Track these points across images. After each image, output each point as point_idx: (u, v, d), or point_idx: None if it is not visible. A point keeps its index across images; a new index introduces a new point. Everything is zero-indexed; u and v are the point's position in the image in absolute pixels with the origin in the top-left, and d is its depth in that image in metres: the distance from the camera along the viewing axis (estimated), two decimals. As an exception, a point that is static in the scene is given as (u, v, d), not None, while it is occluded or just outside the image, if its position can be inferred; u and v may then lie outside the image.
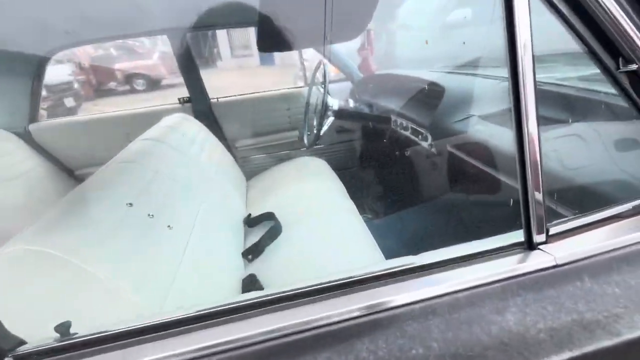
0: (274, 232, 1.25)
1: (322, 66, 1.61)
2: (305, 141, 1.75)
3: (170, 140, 1.34)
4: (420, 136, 1.36)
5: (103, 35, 1.68)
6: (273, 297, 0.44)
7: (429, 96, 1.25)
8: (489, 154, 0.93)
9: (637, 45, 0.36)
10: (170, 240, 0.84)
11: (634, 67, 0.37)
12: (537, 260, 0.39)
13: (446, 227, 1.07)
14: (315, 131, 1.66)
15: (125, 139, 1.29)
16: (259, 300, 0.45)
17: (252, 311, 0.43)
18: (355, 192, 1.72)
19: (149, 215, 0.83)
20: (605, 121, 0.60)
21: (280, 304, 0.43)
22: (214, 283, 0.93)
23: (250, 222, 1.41)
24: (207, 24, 1.64)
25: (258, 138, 2.06)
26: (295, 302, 0.41)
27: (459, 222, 1.01)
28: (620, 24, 0.35)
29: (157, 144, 1.27)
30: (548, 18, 0.41)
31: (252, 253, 1.18)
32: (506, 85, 1.23)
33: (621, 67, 0.38)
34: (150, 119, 1.52)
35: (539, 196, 0.39)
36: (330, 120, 1.66)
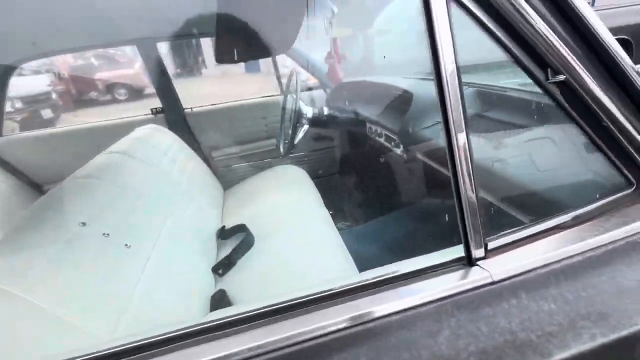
0: (245, 244, 1.22)
1: (295, 75, 1.61)
2: (281, 150, 1.74)
3: (138, 153, 1.30)
4: (392, 143, 1.36)
5: (70, 46, 1.64)
6: (217, 323, 0.42)
7: (398, 103, 1.25)
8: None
9: (563, 57, 0.36)
10: (127, 259, 0.81)
11: (561, 77, 0.37)
12: (474, 277, 0.38)
13: (414, 235, 1.07)
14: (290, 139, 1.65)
15: (97, 151, 1.25)
16: (203, 327, 0.42)
17: (201, 337, 0.41)
18: (332, 200, 1.71)
19: (104, 234, 0.79)
20: (554, 125, 0.60)
21: (222, 331, 0.40)
22: (178, 302, 0.90)
23: (224, 234, 1.37)
24: (176, 34, 1.62)
25: (235, 147, 2.04)
26: (236, 328, 0.39)
27: (426, 231, 1.01)
28: (545, 36, 0.35)
29: (123, 157, 1.23)
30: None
31: (222, 267, 1.15)
32: (472, 91, 1.22)
33: (550, 78, 0.38)
34: (124, 130, 1.49)
35: (475, 210, 0.38)
36: (304, 128, 1.65)
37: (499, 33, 0.35)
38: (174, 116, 1.89)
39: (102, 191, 0.95)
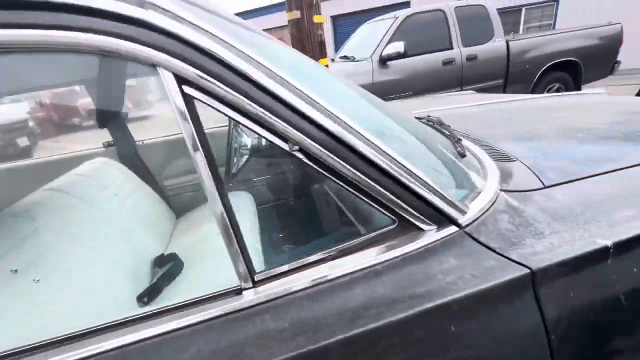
0: (172, 272, 1.31)
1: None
2: (222, 178, 1.85)
3: (73, 188, 1.40)
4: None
5: (22, 87, 1.77)
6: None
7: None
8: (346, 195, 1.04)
9: (289, 133, 0.48)
10: (34, 294, 0.89)
11: (297, 147, 0.49)
12: (235, 303, 0.48)
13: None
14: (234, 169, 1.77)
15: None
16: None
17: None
18: (273, 224, 1.81)
19: (11, 270, 0.88)
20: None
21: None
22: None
23: (161, 262, 1.46)
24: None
25: (187, 176, 2.15)
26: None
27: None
28: (272, 118, 0.47)
29: (57, 194, 1.33)
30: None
31: (147, 295, 1.23)
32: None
33: (292, 149, 0.49)
34: (77, 163, 1.60)
35: (236, 249, 0.49)
36: (245, 158, 1.77)
37: (242, 121, 0.48)
38: (125, 149, 2.00)
39: (21, 229, 1.04)
